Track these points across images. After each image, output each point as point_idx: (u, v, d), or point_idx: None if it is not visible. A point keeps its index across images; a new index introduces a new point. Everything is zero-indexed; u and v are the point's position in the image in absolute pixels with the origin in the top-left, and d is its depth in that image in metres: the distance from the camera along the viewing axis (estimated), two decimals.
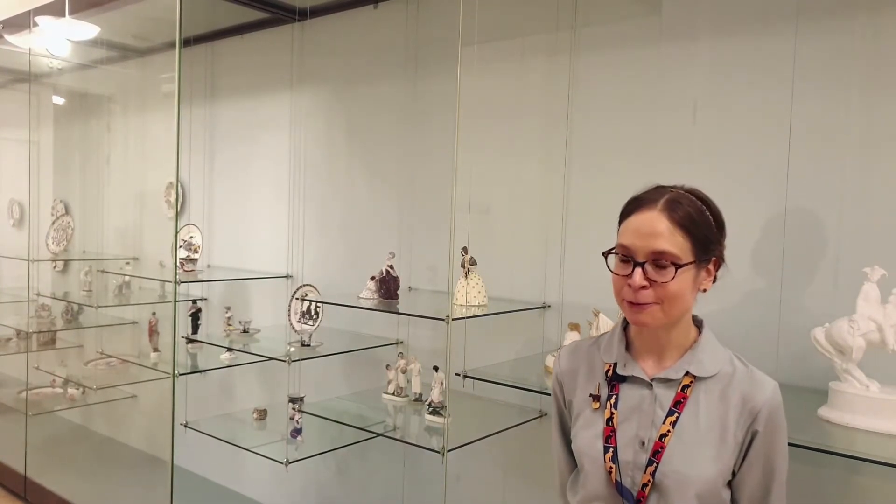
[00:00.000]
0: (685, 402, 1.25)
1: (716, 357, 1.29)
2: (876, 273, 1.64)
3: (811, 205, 1.91)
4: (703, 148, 2.09)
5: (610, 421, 1.29)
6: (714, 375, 1.27)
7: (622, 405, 1.30)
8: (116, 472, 3.90)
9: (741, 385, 1.25)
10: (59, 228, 4.27)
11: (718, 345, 1.32)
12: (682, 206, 1.23)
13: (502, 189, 2.53)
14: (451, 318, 2.01)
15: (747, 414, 1.23)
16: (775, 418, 1.25)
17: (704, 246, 1.23)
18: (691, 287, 1.24)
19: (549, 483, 2.42)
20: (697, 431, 1.24)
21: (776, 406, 1.25)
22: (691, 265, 1.22)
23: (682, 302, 1.23)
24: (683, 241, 1.21)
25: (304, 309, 2.94)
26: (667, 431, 1.24)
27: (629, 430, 1.28)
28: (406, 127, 2.81)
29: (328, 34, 3.09)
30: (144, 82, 4.10)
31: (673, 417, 1.25)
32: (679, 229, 1.21)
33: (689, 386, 1.26)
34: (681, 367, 1.27)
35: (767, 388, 1.25)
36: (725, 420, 1.24)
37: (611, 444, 1.28)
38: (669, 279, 1.20)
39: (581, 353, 1.42)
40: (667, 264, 1.20)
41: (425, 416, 2.41)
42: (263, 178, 3.39)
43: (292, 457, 2.55)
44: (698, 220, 1.23)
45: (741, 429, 1.24)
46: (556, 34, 2.38)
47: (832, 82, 1.88)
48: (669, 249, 1.20)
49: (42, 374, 4.07)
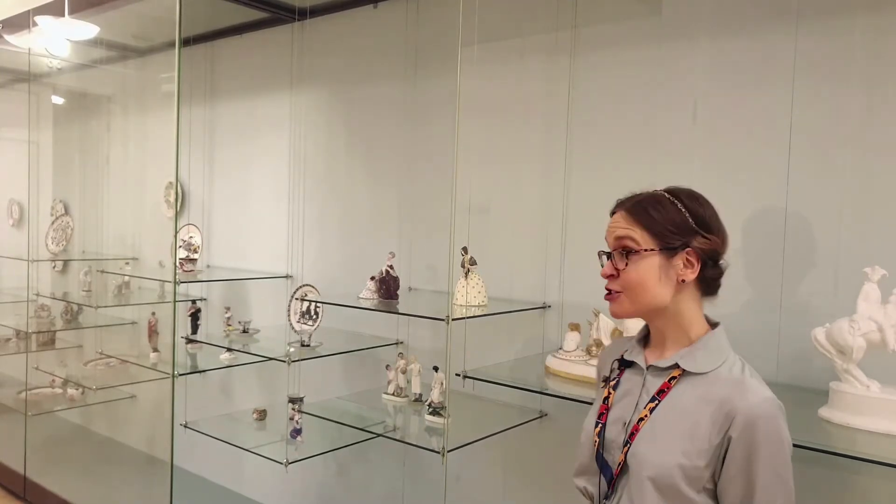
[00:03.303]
0: (667, 392, 1.30)
1: (712, 357, 1.30)
2: (876, 273, 1.64)
3: (811, 204, 1.91)
4: (703, 148, 2.09)
5: (606, 400, 1.39)
6: (704, 374, 1.28)
7: (620, 388, 1.39)
8: (116, 473, 3.90)
9: (726, 388, 1.25)
10: (58, 228, 4.27)
11: (724, 348, 1.32)
12: (639, 200, 1.33)
13: (502, 189, 2.53)
14: (451, 318, 2.01)
15: (723, 417, 1.22)
16: (757, 429, 1.20)
17: (663, 235, 1.29)
18: (657, 276, 1.29)
19: (549, 483, 2.43)
20: (669, 422, 1.27)
21: (759, 416, 1.20)
22: (650, 253, 1.29)
23: (644, 290, 1.30)
24: (640, 230, 1.30)
25: (304, 309, 2.93)
26: (644, 416, 1.30)
27: (618, 411, 1.36)
28: (406, 127, 2.81)
29: (328, 34, 3.09)
30: (144, 82, 4.10)
31: (653, 404, 1.30)
32: (634, 219, 1.31)
33: (676, 378, 1.30)
34: (673, 359, 1.32)
35: (752, 397, 1.22)
36: (699, 417, 1.24)
37: (601, 421, 1.37)
38: (624, 266, 1.31)
39: (616, 346, 1.51)
40: (625, 252, 1.31)
41: (425, 416, 2.41)
42: (263, 178, 3.39)
43: (292, 457, 2.54)
44: (654, 209, 1.30)
45: (717, 433, 1.23)
46: (555, 34, 2.38)
47: (832, 82, 1.88)
48: (625, 235, 1.31)
49: (42, 375, 4.06)
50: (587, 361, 2.07)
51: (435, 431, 2.33)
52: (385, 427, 2.49)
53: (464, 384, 2.24)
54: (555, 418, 2.39)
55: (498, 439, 2.32)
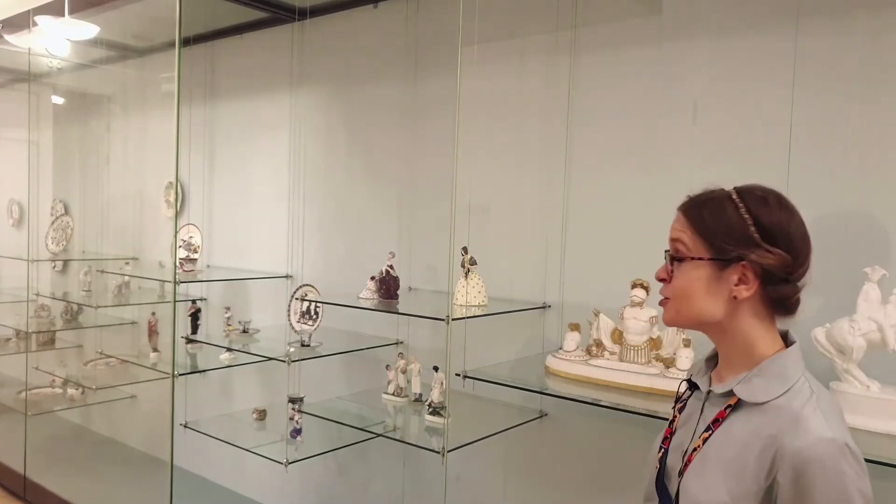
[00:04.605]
0: (721, 423, 1.15)
1: (771, 385, 1.12)
2: (876, 273, 1.64)
3: (811, 204, 1.89)
4: (703, 148, 2.09)
5: (671, 423, 1.28)
6: (761, 404, 1.11)
7: (685, 412, 1.27)
8: (116, 473, 3.89)
9: (778, 422, 1.07)
10: (58, 228, 4.27)
11: (790, 375, 1.13)
12: (698, 202, 1.18)
13: (502, 189, 2.53)
14: (451, 318, 2.01)
15: (771, 457, 1.06)
16: (809, 476, 1.02)
17: (715, 242, 1.14)
18: (704, 288, 1.15)
19: (549, 483, 2.43)
20: (719, 456, 1.12)
21: (812, 461, 1.02)
22: (699, 262, 1.15)
23: (689, 301, 1.16)
24: (691, 234, 1.16)
25: (304, 309, 2.93)
26: (697, 446, 1.16)
27: (679, 437, 1.24)
28: (406, 127, 2.81)
29: (328, 34, 3.09)
30: (144, 82, 4.10)
31: (706, 434, 1.15)
32: (687, 220, 1.18)
33: (732, 407, 1.15)
34: (729, 385, 1.16)
35: (805, 436, 1.04)
36: (748, 454, 1.09)
37: (664, 446, 1.25)
38: (674, 271, 1.19)
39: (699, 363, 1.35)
40: (676, 257, 1.18)
41: (425, 416, 2.41)
42: (263, 177, 3.39)
43: (292, 457, 2.54)
44: (709, 212, 1.15)
45: (764, 473, 1.07)
46: (555, 34, 2.38)
47: (832, 82, 1.88)
48: (677, 237, 1.18)
49: (41, 375, 4.06)
50: (587, 361, 2.07)
51: (435, 431, 2.33)
52: (385, 427, 2.49)
53: (464, 384, 2.23)
54: (555, 418, 2.39)
55: (498, 439, 2.32)
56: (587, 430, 2.31)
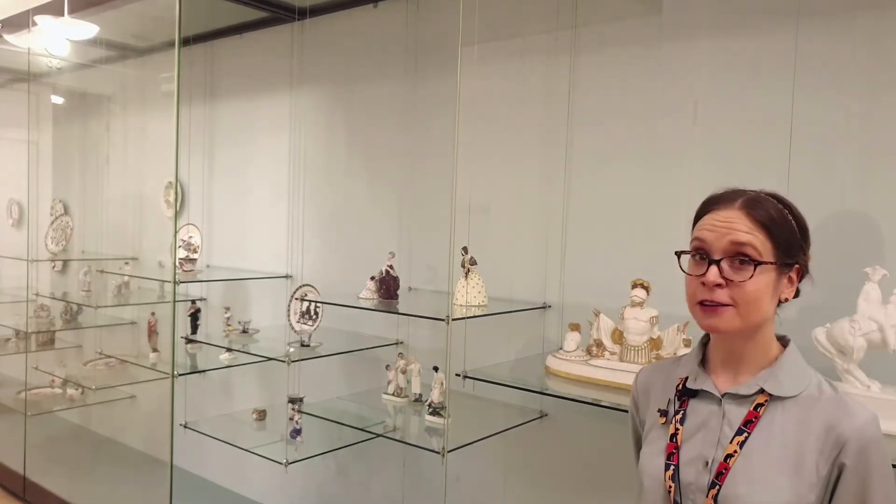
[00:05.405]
0: (756, 422, 1.14)
1: (799, 378, 1.16)
2: (877, 273, 1.64)
3: (811, 204, 1.89)
4: (703, 148, 2.09)
5: (674, 437, 1.21)
6: (794, 397, 1.14)
7: (689, 422, 1.21)
8: (115, 473, 3.89)
9: (827, 411, 1.11)
10: (58, 228, 4.27)
11: (805, 366, 1.19)
12: (762, 205, 1.16)
13: (502, 189, 2.53)
14: (451, 318, 2.01)
15: (832, 444, 1.09)
16: (870, 453, 1.09)
17: (786, 248, 1.15)
18: (771, 293, 1.15)
19: (549, 483, 2.43)
20: (768, 456, 1.12)
21: (870, 439, 1.09)
22: (771, 266, 1.13)
23: (759, 307, 1.14)
24: (764, 239, 1.13)
25: (304, 309, 2.93)
26: (733, 452, 1.13)
27: (693, 449, 1.18)
28: (406, 127, 2.81)
29: (328, 34, 3.09)
30: (144, 82, 4.09)
31: (741, 437, 1.13)
32: (759, 227, 1.14)
33: (762, 405, 1.15)
34: (755, 384, 1.16)
35: (859, 417, 1.10)
36: (803, 448, 1.11)
37: (672, 462, 1.19)
38: (748, 277, 1.12)
39: (659, 370, 1.35)
40: (746, 260, 1.12)
41: (425, 416, 2.41)
42: (263, 178, 3.39)
43: (292, 457, 2.54)
44: (779, 219, 1.15)
45: (825, 461, 1.10)
46: (556, 34, 2.38)
47: (833, 82, 1.88)
48: (750, 242, 1.13)
49: (41, 375, 4.06)
50: (587, 361, 2.07)
51: (435, 431, 2.33)
52: (385, 427, 2.49)
53: (464, 384, 2.23)
54: (555, 418, 2.39)
55: (498, 439, 2.32)
56: (587, 430, 2.31)
